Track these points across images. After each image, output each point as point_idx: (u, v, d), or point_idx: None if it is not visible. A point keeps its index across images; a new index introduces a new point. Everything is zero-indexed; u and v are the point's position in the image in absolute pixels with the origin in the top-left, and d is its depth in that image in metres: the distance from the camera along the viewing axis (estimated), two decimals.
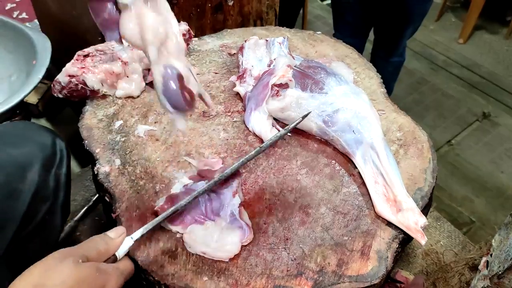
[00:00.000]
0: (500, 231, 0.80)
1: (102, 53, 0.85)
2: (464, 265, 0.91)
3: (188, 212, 0.66)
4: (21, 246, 0.68)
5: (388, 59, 1.77)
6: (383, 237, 0.67)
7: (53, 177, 0.73)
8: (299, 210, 0.70)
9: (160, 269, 0.61)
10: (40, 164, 0.71)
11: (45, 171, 0.72)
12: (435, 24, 2.84)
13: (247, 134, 0.81)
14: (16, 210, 0.66)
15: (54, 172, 0.74)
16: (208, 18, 1.21)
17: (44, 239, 0.73)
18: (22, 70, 1.15)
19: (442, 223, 1.10)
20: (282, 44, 0.91)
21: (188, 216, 0.65)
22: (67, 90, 0.83)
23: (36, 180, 0.69)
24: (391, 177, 0.71)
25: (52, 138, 0.75)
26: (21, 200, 0.67)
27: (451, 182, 1.88)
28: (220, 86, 0.91)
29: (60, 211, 0.75)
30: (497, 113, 2.23)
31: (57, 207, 0.74)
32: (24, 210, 0.67)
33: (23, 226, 0.67)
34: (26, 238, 0.69)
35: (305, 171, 0.75)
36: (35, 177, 0.69)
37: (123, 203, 0.69)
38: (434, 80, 2.42)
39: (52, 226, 0.74)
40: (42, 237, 0.72)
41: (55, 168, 0.74)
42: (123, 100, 0.86)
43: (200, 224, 0.65)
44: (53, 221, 0.74)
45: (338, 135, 0.76)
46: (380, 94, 0.90)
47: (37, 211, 0.70)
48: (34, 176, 0.69)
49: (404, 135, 0.82)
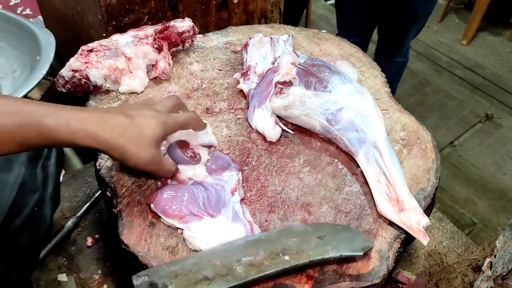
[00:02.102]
0: (504, 232, 0.79)
1: (106, 49, 0.85)
2: (467, 266, 0.91)
3: (184, 205, 0.65)
4: (10, 239, 0.68)
5: (392, 59, 1.77)
6: (385, 237, 0.67)
7: (40, 169, 0.73)
8: (301, 208, 0.70)
9: None
10: (27, 155, 0.71)
11: (32, 163, 0.72)
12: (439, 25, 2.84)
13: (250, 132, 0.81)
14: (2, 201, 0.66)
15: (41, 163, 0.74)
16: (213, 16, 1.21)
17: (33, 231, 0.73)
18: (26, 65, 1.15)
19: (445, 224, 1.10)
20: (287, 42, 0.91)
21: (184, 209, 0.65)
22: (70, 85, 0.83)
23: (23, 172, 0.69)
24: (393, 176, 0.71)
25: None
26: (7, 192, 0.67)
27: (453, 183, 1.88)
28: (224, 83, 0.90)
29: (49, 203, 0.75)
30: (500, 115, 2.23)
31: (46, 198, 0.74)
32: (10, 202, 0.67)
33: (10, 219, 0.67)
34: (15, 231, 0.69)
35: (307, 169, 0.75)
36: (22, 168, 0.70)
37: (124, 198, 0.69)
38: (437, 81, 2.42)
39: (41, 218, 0.75)
40: (31, 229, 0.73)
41: (43, 159, 0.74)
42: (126, 96, 0.86)
43: (198, 219, 0.64)
44: (42, 213, 0.74)
45: (341, 133, 0.76)
46: (384, 94, 0.90)
47: (24, 203, 0.70)
48: (20, 167, 0.70)
49: (408, 135, 0.81)
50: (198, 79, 0.91)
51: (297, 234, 0.63)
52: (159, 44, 0.88)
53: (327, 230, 0.65)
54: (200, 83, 0.90)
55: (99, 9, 1.02)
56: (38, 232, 0.74)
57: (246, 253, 0.59)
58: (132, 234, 0.65)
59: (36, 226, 0.73)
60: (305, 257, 0.59)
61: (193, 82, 0.90)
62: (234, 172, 0.70)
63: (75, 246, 1.02)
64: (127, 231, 0.65)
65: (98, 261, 0.99)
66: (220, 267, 0.57)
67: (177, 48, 0.95)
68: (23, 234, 0.70)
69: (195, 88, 0.89)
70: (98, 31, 1.09)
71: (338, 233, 0.65)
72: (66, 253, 1.00)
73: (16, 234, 0.69)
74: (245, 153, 0.77)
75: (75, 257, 1.00)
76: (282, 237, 0.63)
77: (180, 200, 0.65)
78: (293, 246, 0.61)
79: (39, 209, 0.73)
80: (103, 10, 1.02)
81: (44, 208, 0.74)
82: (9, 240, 0.67)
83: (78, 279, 0.96)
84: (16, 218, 0.68)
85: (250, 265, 0.58)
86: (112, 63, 0.83)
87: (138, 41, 0.87)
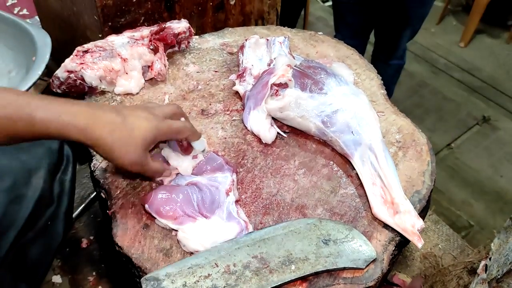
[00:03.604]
0: (499, 235, 0.79)
1: (102, 49, 0.85)
2: (463, 269, 0.91)
3: (178, 206, 0.65)
4: (22, 251, 0.68)
5: (388, 61, 1.77)
6: (380, 239, 0.67)
7: (58, 183, 0.73)
8: (296, 211, 0.69)
9: (154, 267, 0.61)
10: (46, 169, 0.71)
11: (50, 177, 0.72)
12: (436, 27, 2.84)
13: (245, 133, 0.81)
14: (19, 214, 0.66)
15: (59, 178, 0.74)
16: (210, 17, 1.21)
17: (45, 245, 0.72)
18: (22, 66, 1.14)
19: (441, 227, 1.10)
20: (283, 44, 0.91)
21: (178, 209, 0.64)
22: (65, 86, 0.82)
23: (41, 186, 0.69)
24: (389, 179, 0.71)
25: (60, 143, 0.75)
26: (24, 205, 0.67)
27: (450, 185, 1.88)
28: (220, 85, 0.90)
29: (63, 218, 0.74)
30: (497, 117, 2.23)
31: (60, 213, 0.74)
32: (26, 215, 0.67)
33: (24, 231, 0.67)
34: (28, 243, 0.68)
35: (302, 172, 0.75)
36: (40, 182, 0.70)
37: (119, 199, 0.69)
38: (434, 84, 2.42)
39: (54, 233, 0.74)
40: (43, 243, 0.72)
41: (60, 174, 0.74)
42: (122, 97, 0.85)
43: (192, 220, 0.64)
44: (56, 228, 0.74)
45: (336, 136, 0.76)
46: (380, 96, 0.90)
47: (39, 216, 0.70)
48: (39, 181, 0.70)
49: (403, 137, 0.81)
50: (194, 80, 0.91)
51: (302, 235, 0.63)
52: (155, 45, 0.88)
53: (331, 231, 0.64)
54: (196, 84, 0.90)
55: (95, 10, 1.02)
56: (50, 246, 0.74)
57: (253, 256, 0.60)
58: (126, 236, 0.64)
59: (48, 240, 0.73)
60: (310, 268, 0.60)
61: (189, 83, 0.90)
62: (228, 173, 0.70)
63: (69, 247, 1.01)
64: (121, 233, 0.65)
65: (92, 262, 0.99)
66: (229, 274, 0.58)
67: (173, 49, 0.95)
68: (34, 247, 0.70)
69: (190, 90, 0.89)
70: (94, 32, 1.09)
71: (343, 238, 0.64)
72: (60, 255, 1.00)
73: (28, 247, 0.69)
74: (240, 155, 0.77)
75: (69, 259, 0.99)
76: (287, 239, 0.63)
77: (174, 201, 0.65)
78: (299, 253, 0.61)
79: (52, 223, 0.72)
80: (99, 10, 1.01)
81: (58, 223, 0.74)
82: (20, 251, 0.67)
83: (72, 280, 0.96)
84: (29, 230, 0.68)
85: (257, 273, 0.58)
86: (107, 64, 0.83)
87: (134, 42, 0.87)
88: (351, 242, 0.64)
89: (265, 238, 0.62)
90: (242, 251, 0.61)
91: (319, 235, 0.64)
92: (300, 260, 0.61)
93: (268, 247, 0.61)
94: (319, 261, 0.61)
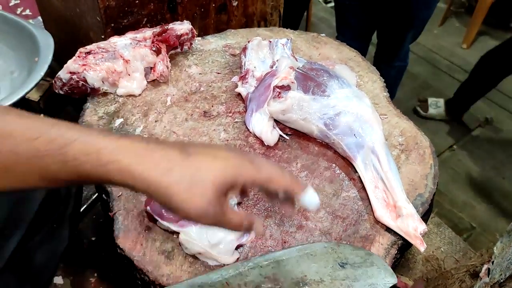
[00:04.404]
0: (502, 238, 0.79)
1: (104, 51, 0.85)
2: (465, 272, 0.90)
3: None
4: (28, 255, 0.67)
5: (391, 63, 1.77)
6: (382, 243, 0.66)
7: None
8: (298, 213, 0.69)
9: (156, 269, 0.61)
10: None
11: None
12: (439, 28, 2.83)
13: (247, 135, 0.80)
14: (24, 216, 0.65)
15: None
16: (212, 18, 1.21)
17: (50, 249, 0.71)
18: (24, 67, 1.14)
19: (443, 230, 1.09)
20: (285, 46, 0.91)
21: None
22: (68, 87, 0.82)
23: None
24: (391, 182, 0.71)
25: None
26: (30, 206, 0.65)
27: (452, 187, 1.87)
28: (222, 86, 0.90)
29: (68, 222, 0.73)
30: (500, 119, 2.23)
31: (65, 217, 0.73)
32: (31, 217, 0.65)
33: (30, 233, 0.66)
34: (33, 247, 0.67)
35: (305, 174, 0.75)
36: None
37: (120, 201, 0.68)
38: (437, 85, 2.42)
39: (60, 237, 0.73)
40: (49, 248, 0.71)
41: None
42: (124, 98, 0.86)
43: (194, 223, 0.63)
44: (61, 232, 0.73)
45: (339, 138, 0.76)
46: (383, 98, 0.90)
47: (45, 219, 0.69)
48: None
49: (406, 140, 0.81)
50: (196, 82, 0.90)
51: (318, 257, 0.61)
52: (158, 47, 0.88)
53: (349, 255, 0.62)
54: (198, 86, 0.90)
55: (98, 11, 1.02)
56: (56, 250, 0.72)
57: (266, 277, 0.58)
58: (128, 238, 0.64)
59: (54, 245, 0.72)
60: None
61: (191, 85, 0.90)
62: None
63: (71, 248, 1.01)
64: (123, 235, 0.65)
65: (94, 264, 0.99)
66: None
67: (175, 51, 0.95)
68: (40, 251, 0.69)
69: (193, 91, 0.88)
70: (96, 33, 1.09)
71: (361, 263, 0.61)
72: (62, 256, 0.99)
73: (33, 250, 0.68)
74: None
75: (71, 260, 0.99)
76: (302, 261, 0.60)
77: None
78: (314, 275, 0.59)
79: (58, 227, 0.71)
80: (102, 11, 1.01)
81: (63, 227, 0.72)
82: (26, 255, 0.66)
83: (73, 281, 0.96)
84: (35, 232, 0.67)
85: None
86: (110, 65, 0.83)
87: (137, 44, 0.87)
88: (370, 267, 0.61)
89: (279, 260, 0.60)
90: (255, 271, 0.58)
91: (336, 258, 0.61)
92: (314, 282, 0.58)
93: (282, 268, 0.59)
94: (335, 283, 0.58)
